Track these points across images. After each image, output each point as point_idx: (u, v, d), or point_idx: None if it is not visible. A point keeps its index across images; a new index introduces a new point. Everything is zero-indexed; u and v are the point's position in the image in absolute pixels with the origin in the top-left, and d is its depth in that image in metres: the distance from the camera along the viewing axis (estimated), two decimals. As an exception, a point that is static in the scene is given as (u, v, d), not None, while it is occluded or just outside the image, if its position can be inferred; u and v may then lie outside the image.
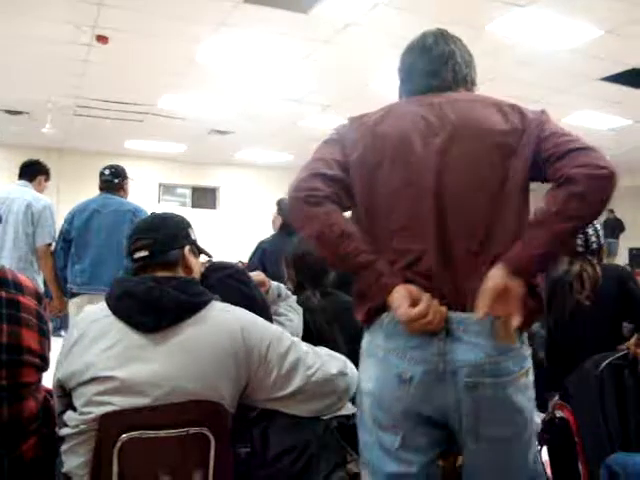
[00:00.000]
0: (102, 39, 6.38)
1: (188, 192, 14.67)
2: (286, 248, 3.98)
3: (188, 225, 2.03)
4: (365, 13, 5.73)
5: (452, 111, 1.76)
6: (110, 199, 4.64)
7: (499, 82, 7.75)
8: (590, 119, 9.65)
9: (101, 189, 4.73)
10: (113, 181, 4.71)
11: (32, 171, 4.98)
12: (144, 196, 12.98)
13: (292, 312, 2.37)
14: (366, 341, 1.76)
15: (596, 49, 6.50)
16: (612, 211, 14.28)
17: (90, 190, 13.26)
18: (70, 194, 12.60)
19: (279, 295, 2.41)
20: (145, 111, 9.62)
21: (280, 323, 2.21)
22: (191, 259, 1.98)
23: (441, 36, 2.03)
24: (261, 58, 7.06)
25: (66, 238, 4.51)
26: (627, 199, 14.93)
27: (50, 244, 4.63)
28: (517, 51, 6.63)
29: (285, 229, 4.44)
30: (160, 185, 14.23)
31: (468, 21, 5.91)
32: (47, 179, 5.07)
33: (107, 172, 4.76)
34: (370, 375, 1.72)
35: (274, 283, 2.42)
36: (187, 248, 1.97)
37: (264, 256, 4.31)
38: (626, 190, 15.00)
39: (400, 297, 1.58)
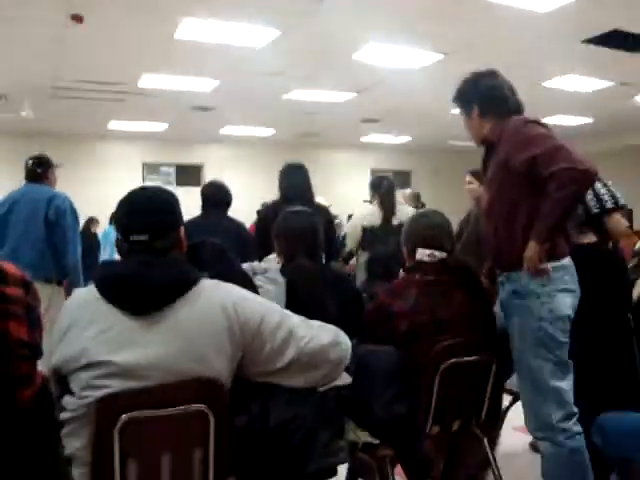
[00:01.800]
0: (77, 18, 6.26)
1: (172, 170, 14.61)
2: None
3: (178, 202, 2.01)
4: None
5: None
6: (31, 188, 4.83)
7: (481, 47, 7.73)
8: (573, 82, 9.65)
9: (26, 179, 4.90)
10: (36, 170, 4.88)
11: None
12: (128, 176, 12.92)
13: (268, 283, 2.40)
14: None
15: (575, 12, 6.47)
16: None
17: (76, 174, 13.10)
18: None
19: (254, 273, 2.45)
20: (126, 90, 9.49)
21: None
22: (183, 239, 1.97)
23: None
24: (241, 32, 6.97)
25: None
26: (612, 160, 15.02)
27: None
28: (497, 16, 6.59)
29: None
30: (144, 164, 14.15)
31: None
32: None
33: (30, 162, 4.91)
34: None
35: (246, 264, 2.47)
36: (182, 228, 1.97)
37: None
38: (611, 152, 15.08)
39: None
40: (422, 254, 2.71)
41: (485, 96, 2.92)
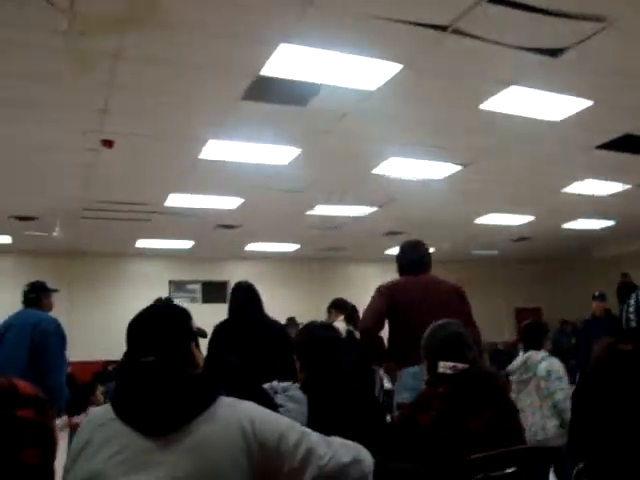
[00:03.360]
0: (107, 143, 6.55)
1: (198, 287, 14.74)
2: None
3: (189, 317, 2.00)
4: (362, 101, 5.88)
5: None
6: (24, 313, 5.04)
7: (499, 157, 7.90)
8: (590, 187, 9.74)
9: (22, 303, 5.13)
10: (29, 296, 5.08)
11: None
12: (155, 294, 13.02)
13: (290, 402, 2.35)
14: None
15: (587, 119, 6.62)
16: (626, 275, 14.10)
17: (103, 295, 13.21)
18: (83, 300, 12.68)
19: (275, 392, 2.42)
20: (153, 210, 9.77)
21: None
22: (196, 354, 1.96)
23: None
24: (263, 151, 7.23)
25: None
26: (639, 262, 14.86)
27: None
28: (512, 126, 6.76)
29: None
30: (170, 282, 14.31)
31: (463, 101, 6.07)
32: None
33: (26, 288, 5.13)
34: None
35: (266, 384, 2.46)
36: (192, 343, 1.96)
37: None
38: (636, 254, 14.94)
39: None
40: (445, 367, 2.67)
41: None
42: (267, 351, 4.23)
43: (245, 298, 4.60)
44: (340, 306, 6.59)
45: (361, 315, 4.34)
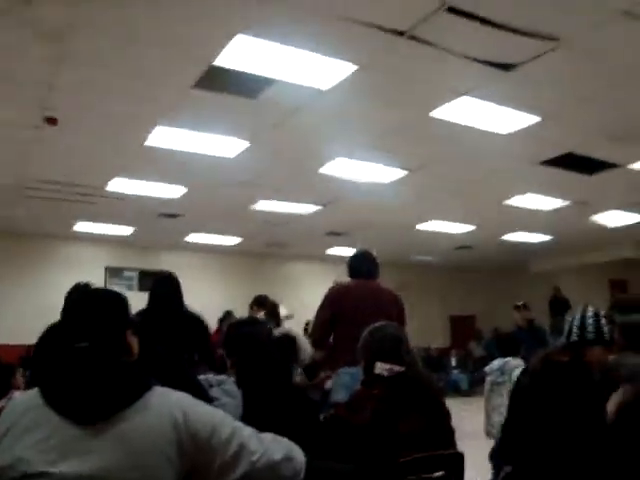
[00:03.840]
0: (51, 121, 6.35)
1: (135, 275, 14.48)
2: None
3: (127, 304, 1.96)
4: (313, 99, 5.87)
5: None
6: None
7: (444, 165, 8.02)
8: (531, 201, 9.99)
9: None
10: None
11: None
12: (89, 279, 12.71)
13: (225, 396, 2.34)
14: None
15: (532, 135, 6.78)
16: (558, 289, 14.55)
17: (35, 278, 12.80)
18: (13, 280, 12.29)
19: (210, 385, 2.40)
20: (94, 193, 9.52)
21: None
22: (132, 341, 1.92)
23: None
24: (210, 142, 7.14)
25: None
26: (572, 277, 15.31)
27: None
28: (460, 136, 6.87)
29: None
30: (106, 268, 14.01)
31: (413, 107, 6.13)
32: None
33: None
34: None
35: (202, 376, 2.46)
36: (129, 331, 1.91)
37: None
38: (570, 269, 15.40)
39: None
40: (381, 368, 2.68)
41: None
42: (187, 343, 4.19)
43: (171, 289, 4.53)
44: (261, 302, 6.79)
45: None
